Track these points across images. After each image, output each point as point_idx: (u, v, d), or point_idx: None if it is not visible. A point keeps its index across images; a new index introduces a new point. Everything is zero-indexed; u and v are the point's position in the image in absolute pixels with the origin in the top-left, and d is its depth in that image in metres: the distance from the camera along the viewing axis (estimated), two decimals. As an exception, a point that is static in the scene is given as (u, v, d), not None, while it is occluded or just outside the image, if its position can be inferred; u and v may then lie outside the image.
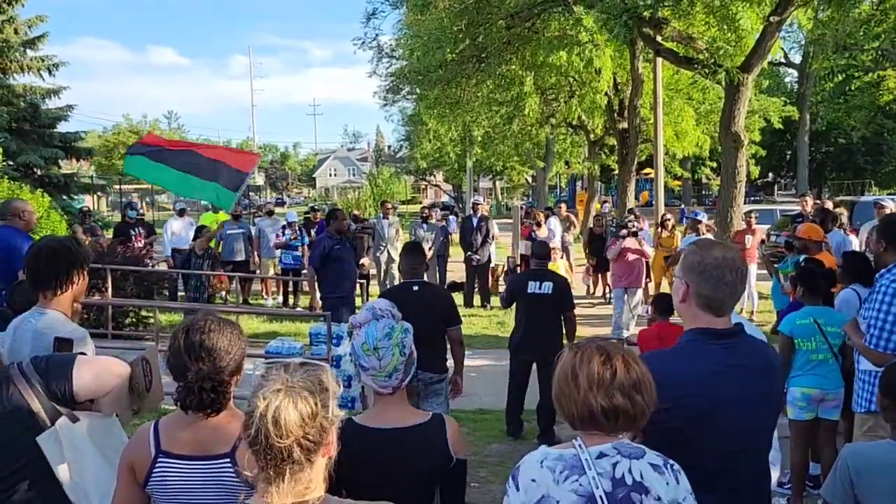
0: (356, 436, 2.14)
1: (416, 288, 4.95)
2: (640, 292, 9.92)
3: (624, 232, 9.69)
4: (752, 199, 32.13)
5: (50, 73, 20.42)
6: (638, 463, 1.77)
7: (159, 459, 2.08)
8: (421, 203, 31.99)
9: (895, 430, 2.67)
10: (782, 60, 32.56)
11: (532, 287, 6.09)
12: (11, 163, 17.22)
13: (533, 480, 1.77)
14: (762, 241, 14.32)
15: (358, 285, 11.14)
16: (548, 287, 6.06)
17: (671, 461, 1.84)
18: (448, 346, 5.09)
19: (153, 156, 7.14)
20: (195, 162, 7.00)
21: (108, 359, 2.49)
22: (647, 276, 12.22)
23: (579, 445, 1.79)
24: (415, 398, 4.80)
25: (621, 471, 1.75)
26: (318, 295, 7.80)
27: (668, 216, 11.77)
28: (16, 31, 20.16)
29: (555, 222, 13.22)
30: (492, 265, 12.85)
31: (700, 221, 10.72)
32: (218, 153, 7.46)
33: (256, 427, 1.53)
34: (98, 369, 2.40)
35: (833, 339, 4.41)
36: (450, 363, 5.13)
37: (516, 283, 6.49)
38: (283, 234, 12.49)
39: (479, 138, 27.64)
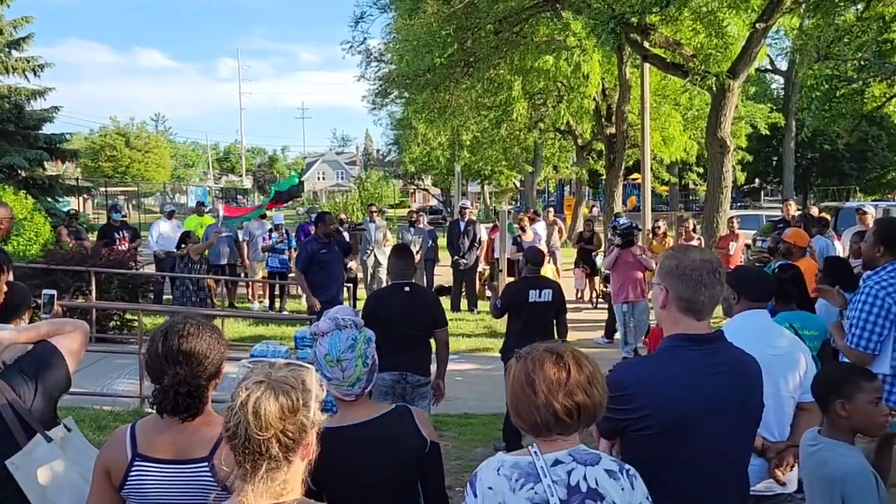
0: (327, 438, 2.11)
1: (406, 289, 4.94)
2: (645, 304, 8.75)
3: (617, 240, 8.77)
4: (739, 204, 32.33)
5: (35, 74, 20.29)
6: (593, 469, 1.77)
7: (136, 463, 2.05)
8: (409, 207, 31.92)
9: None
10: (768, 67, 32.83)
11: (533, 296, 5.90)
12: (-5, 164, 17.10)
13: (490, 488, 1.78)
14: (747, 246, 14.41)
15: (346, 289, 11.13)
16: (547, 294, 5.95)
17: (626, 466, 1.85)
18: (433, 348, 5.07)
19: None
20: None
21: (65, 343, 2.43)
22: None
23: (535, 452, 1.80)
24: (399, 401, 4.78)
25: (576, 478, 1.75)
26: (310, 295, 7.69)
27: (660, 223, 11.71)
28: (0, 32, 20.01)
29: (541, 226, 13.25)
30: (479, 269, 12.85)
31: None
32: None
33: (237, 418, 1.53)
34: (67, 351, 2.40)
35: (810, 342, 4.42)
36: (432, 367, 5.12)
37: (515, 292, 6.13)
38: (270, 237, 12.44)
39: (468, 142, 27.71)
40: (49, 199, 18.79)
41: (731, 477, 2.21)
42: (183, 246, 9.98)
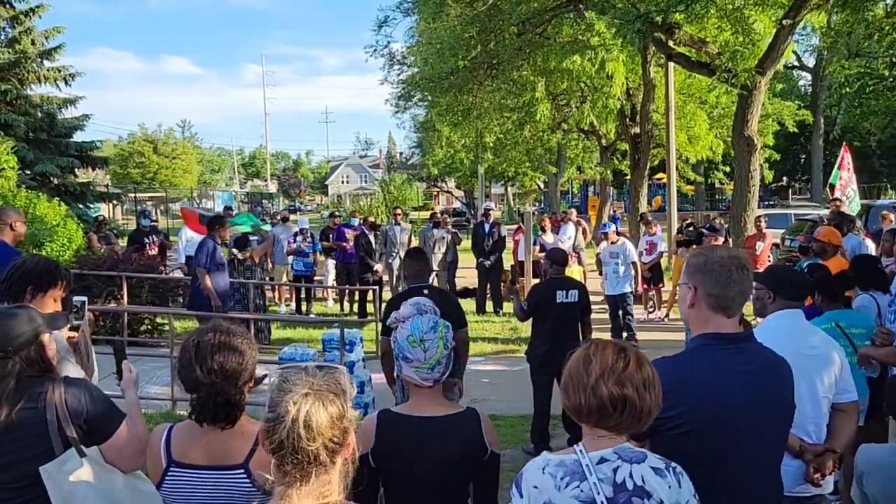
0: (395, 424, 2.22)
1: (424, 292, 4.95)
2: None
3: (679, 236, 8.55)
4: (766, 203, 31.91)
5: (66, 83, 20.60)
6: (639, 467, 1.77)
7: (171, 469, 2.09)
8: (432, 209, 31.77)
9: None
10: (795, 64, 32.40)
11: (560, 296, 5.89)
12: (28, 172, 17.40)
13: (535, 487, 1.78)
14: (776, 246, 14.21)
15: (371, 291, 11.20)
16: (574, 295, 5.93)
17: (673, 464, 1.84)
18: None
19: None
20: None
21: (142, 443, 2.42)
22: (661, 281, 12.19)
23: (580, 451, 1.79)
24: None
25: (622, 475, 1.75)
26: (216, 296, 7.87)
27: (690, 222, 11.62)
28: (33, 43, 20.37)
29: (571, 228, 13.21)
30: (504, 270, 12.84)
31: (608, 233, 10.53)
32: None
33: (287, 431, 1.52)
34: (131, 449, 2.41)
35: (857, 340, 4.33)
36: None
37: (542, 293, 6.09)
38: (295, 240, 12.55)
39: (491, 144, 27.64)
40: (80, 206, 19.08)
41: (762, 476, 2.19)
42: (248, 249, 10.08)
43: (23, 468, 2.25)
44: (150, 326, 10.15)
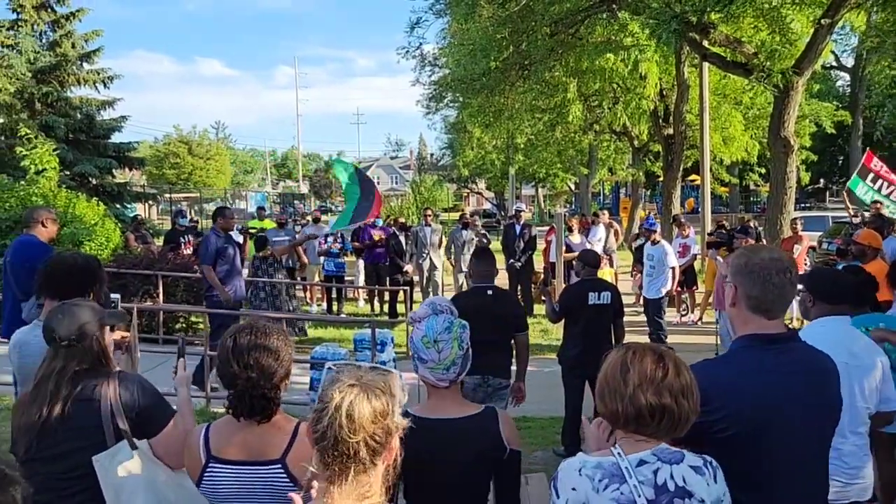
0: (414, 426, 2.19)
1: (489, 293, 4.93)
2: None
3: (710, 238, 8.50)
4: (803, 205, 31.34)
5: (105, 85, 21.09)
6: (679, 467, 1.76)
7: (210, 465, 2.14)
8: (462, 211, 31.82)
9: None
10: (834, 64, 31.77)
11: (592, 298, 5.85)
12: (68, 172, 17.80)
13: (573, 489, 1.77)
14: (812, 249, 13.96)
15: (402, 292, 11.24)
16: (606, 297, 5.89)
17: (709, 458, 1.82)
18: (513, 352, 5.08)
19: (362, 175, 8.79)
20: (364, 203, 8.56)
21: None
22: (694, 284, 12.05)
23: (618, 454, 1.78)
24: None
25: (663, 477, 1.74)
26: (223, 289, 7.62)
27: (721, 223, 11.47)
28: (73, 46, 20.90)
29: (601, 230, 13.12)
30: (535, 272, 12.80)
31: (654, 231, 10.30)
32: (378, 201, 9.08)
33: (330, 420, 1.54)
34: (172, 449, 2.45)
35: (888, 345, 4.24)
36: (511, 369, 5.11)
37: (574, 294, 6.06)
38: (325, 241, 12.65)
39: (522, 145, 27.60)
40: (118, 206, 19.49)
41: (810, 475, 2.15)
42: (267, 247, 10.20)
43: (76, 458, 2.32)
44: (184, 325, 10.31)
